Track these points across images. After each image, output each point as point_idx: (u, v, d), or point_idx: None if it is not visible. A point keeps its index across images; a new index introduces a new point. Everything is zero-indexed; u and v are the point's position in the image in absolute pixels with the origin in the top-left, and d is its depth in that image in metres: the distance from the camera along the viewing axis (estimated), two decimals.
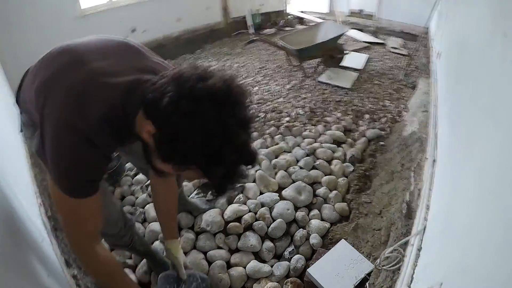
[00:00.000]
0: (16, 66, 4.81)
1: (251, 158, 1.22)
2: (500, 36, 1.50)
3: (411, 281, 1.81)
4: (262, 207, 3.12)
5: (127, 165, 3.65)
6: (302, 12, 10.47)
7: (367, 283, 2.32)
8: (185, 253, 2.80)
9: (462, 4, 3.11)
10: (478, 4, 2.26)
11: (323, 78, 5.49)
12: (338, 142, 4.01)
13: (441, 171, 2.30)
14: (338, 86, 5.23)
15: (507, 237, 0.94)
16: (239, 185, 3.27)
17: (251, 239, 2.88)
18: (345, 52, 5.90)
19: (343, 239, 2.73)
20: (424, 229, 2.08)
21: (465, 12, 2.87)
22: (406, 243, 2.18)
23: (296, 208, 3.17)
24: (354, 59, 6.29)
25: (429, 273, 1.61)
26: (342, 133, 4.11)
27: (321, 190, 3.34)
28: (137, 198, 3.29)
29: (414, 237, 2.12)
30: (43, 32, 5.08)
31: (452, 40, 3.34)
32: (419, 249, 1.99)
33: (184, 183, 3.31)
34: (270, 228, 2.96)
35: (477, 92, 1.78)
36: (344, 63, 6.02)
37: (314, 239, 2.87)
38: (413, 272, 1.86)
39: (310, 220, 3.08)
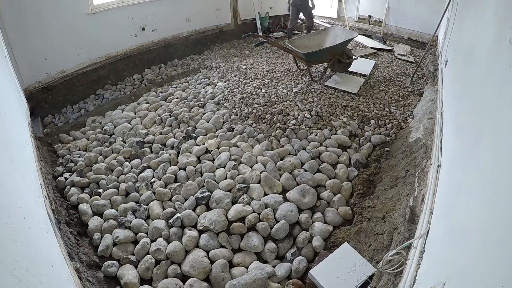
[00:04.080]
0: (28, 61, 4.91)
1: None
2: (506, 43, 1.51)
3: (414, 283, 1.81)
4: (266, 208, 3.13)
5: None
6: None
7: (368, 286, 2.32)
8: (188, 252, 2.82)
9: (469, 12, 3.12)
10: (485, 12, 2.26)
11: (330, 82, 5.50)
12: (343, 147, 4.02)
13: (445, 176, 2.30)
14: (344, 91, 5.23)
15: (511, 237, 0.95)
16: (244, 185, 3.28)
17: (254, 240, 2.90)
18: (353, 57, 5.91)
19: (345, 242, 2.73)
20: (428, 232, 2.08)
21: (472, 20, 2.88)
22: (409, 247, 2.18)
23: (300, 210, 3.18)
24: (361, 65, 6.29)
25: (432, 274, 1.61)
26: (348, 138, 4.12)
27: (325, 193, 3.35)
28: (141, 195, 3.31)
29: (417, 240, 2.12)
30: (56, 27, 5.16)
31: (459, 47, 3.34)
32: (422, 252, 1.99)
33: None
34: (273, 229, 2.97)
35: (482, 98, 1.79)
36: (352, 68, 6.03)
37: (317, 241, 2.88)
38: (416, 274, 1.86)
39: (313, 222, 3.09)
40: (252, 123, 4.37)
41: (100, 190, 3.39)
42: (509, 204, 1.04)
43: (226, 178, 3.49)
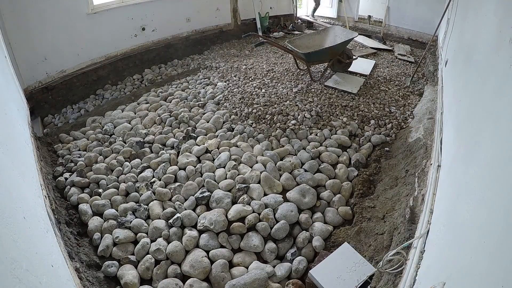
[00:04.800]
0: (28, 61, 4.91)
1: None
2: (506, 43, 1.51)
3: (414, 283, 1.81)
4: (266, 208, 3.13)
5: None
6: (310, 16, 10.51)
7: (368, 286, 2.32)
8: (188, 252, 2.83)
9: (469, 12, 3.12)
10: (485, 12, 2.27)
11: (330, 82, 5.49)
12: (343, 147, 4.02)
13: (445, 176, 2.30)
14: (344, 91, 5.23)
15: (510, 237, 0.95)
16: (244, 185, 3.28)
17: (254, 240, 2.90)
18: (353, 57, 5.91)
19: (345, 242, 2.73)
20: (428, 232, 2.08)
21: (472, 20, 2.88)
22: (409, 247, 2.18)
23: (300, 210, 3.18)
24: (361, 65, 6.29)
25: (432, 274, 1.61)
26: (347, 138, 4.12)
27: (325, 193, 3.35)
28: (141, 195, 3.31)
29: (417, 240, 2.12)
30: (56, 27, 5.16)
31: (459, 47, 3.34)
32: (422, 252, 1.99)
33: None
34: (273, 229, 2.97)
35: (482, 98, 1.79)
36: (352, 68, 6.03)
37: (317, 241, 2.87)
38: (416, 274, 1.86)
39: (313, 222, 3.09)
40: (252, 123, 4.37)
41: (100, 190, 3.39)
42: (509, 204, 1.04)
43: (226, 178, 3.49)
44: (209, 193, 3.27)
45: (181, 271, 2.67)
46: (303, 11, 10.76)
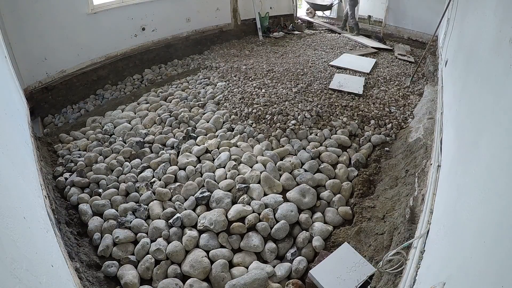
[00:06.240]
0: (28, 61, 4.91)
1: None
2: (506, 43, 1.51)
3: (414, 283, 1.81)
4: (266, 208, 3.13)
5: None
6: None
7: (368, 286, 2.32)
8: (188, 252, 2.82)
9: (469, 12, 3.12)
10: (485, 12, 2.26)
11: (333, 85, 5.44)
12: (343, 147, 4.01)
13: (445, 176, 2.30)
14: (350, 93, 5.19)
15: (510, 237, 0.95)
16: (244, 185, 3.28)
17: (254, 240, 2.90)
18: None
19: (345, 242, 2.73)
20: (428, 232, 2.08)
21: (472, 20, 2.88)
22: (409, 247, 2.18)
23: (300, 210, 3.18)
24: (362, 63, 6.29)
25: (432, 274, 1.61)
26: (347, 138, 4.11)
27: (325, 193, 3.35)
28: (141, 195, 3.31)
29: (417, 240, 2.12)
30: (55, 27, 5.15)
31: (459, 47, 3.34)
32: (422, 252, 1.99)
33: None
34: (273, 229, 2.97)
35: (482, 98, 1.79)
36: (352, 67, 6.02)
37: (317, 241, 2.87)
38: (416, 274, 1.86)
39: (313, 222, 3.09)
40: (252, 123, 4.37)
41: (100, 190, 3.38)
42: (509, 204, 1.04)
43: (226, 178, 3.49)
44: (209, 193, 3.27)
45: (181, 271, 2.67)
46: (303, 11, 10.77)
